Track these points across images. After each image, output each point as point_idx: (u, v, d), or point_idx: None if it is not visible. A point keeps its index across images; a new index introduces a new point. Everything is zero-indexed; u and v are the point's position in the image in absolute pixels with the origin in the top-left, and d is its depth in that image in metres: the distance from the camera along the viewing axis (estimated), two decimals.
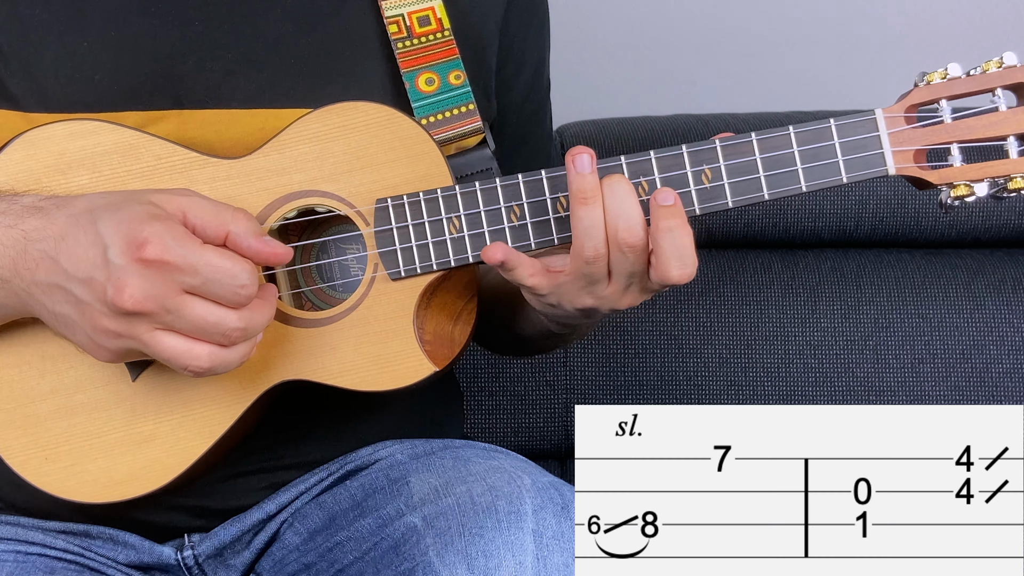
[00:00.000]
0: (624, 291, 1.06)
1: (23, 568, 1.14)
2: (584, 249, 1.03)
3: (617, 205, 1.02)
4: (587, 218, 1.03)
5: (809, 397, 1.67)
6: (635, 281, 1.05)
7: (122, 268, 0.98)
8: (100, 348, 1.01)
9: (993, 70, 1.05)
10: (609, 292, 1.06)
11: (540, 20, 1.31)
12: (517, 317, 1.22)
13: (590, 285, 1.05)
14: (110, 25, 1.15)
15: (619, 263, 1.04)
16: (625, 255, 1.03)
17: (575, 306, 1.07)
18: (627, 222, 1.02)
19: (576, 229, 1.03)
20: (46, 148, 1.09)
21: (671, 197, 1.03)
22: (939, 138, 1.06)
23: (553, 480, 1.09)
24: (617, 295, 1.06)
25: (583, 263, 1.03)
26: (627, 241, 1.02)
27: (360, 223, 1.10)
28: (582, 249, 1.03)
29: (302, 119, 1.10)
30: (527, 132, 1.31)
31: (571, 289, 1.06)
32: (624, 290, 1.06)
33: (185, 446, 1.10)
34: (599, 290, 1.05)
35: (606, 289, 1.05)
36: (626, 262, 1.03)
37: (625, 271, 1.04)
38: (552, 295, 1.07)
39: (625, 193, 1.03)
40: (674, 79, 2.08)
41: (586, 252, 1.03)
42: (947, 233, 1.73)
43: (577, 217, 1.03)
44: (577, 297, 1.06)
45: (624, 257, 1.03)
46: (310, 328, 1.10)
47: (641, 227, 1.02)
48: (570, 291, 1.06)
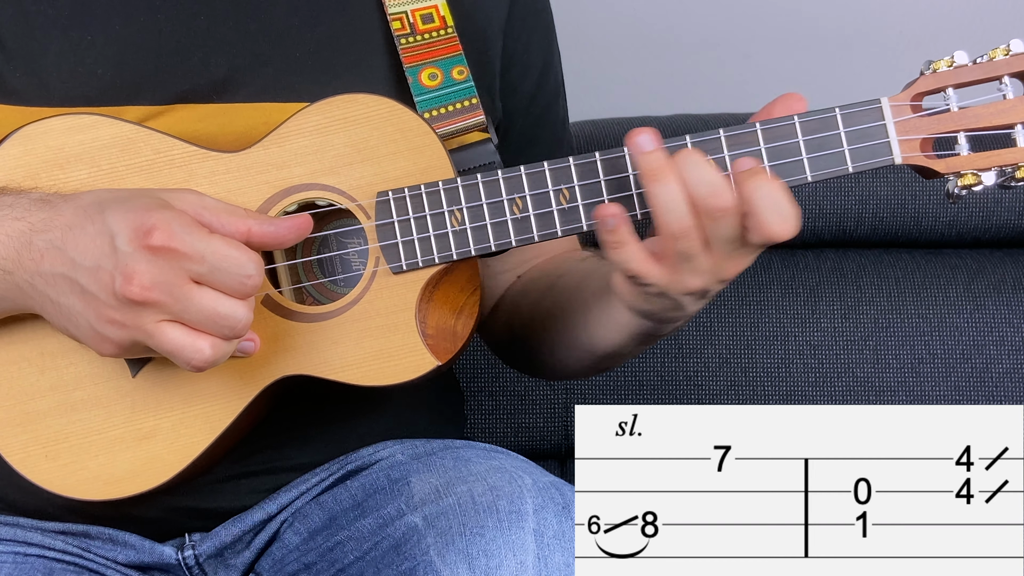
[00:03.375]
0: (726, 258, 1.03)
1: (22, 569, 1.13)
2: (669, 225, 1.00)
3: (696, 174, 1.00)
4: (663, 194, 1.00)
5: (809, 397, 1.67)
6: (736, 245, 1.02)
7: (129, 256, 0.97)
8: (104, 340, 1.01)
9: (1000, 57, 1.05)
10: (711, 264, 1.02)
11: (545, 23, 1.31)
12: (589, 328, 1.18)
13: (687, 262, 1.02)
14: (115, 20, 1.15)
15: (714, 230, 1.01)
16: (717, 221, 1.00)
17: (683, 289, 1.04)
18: (710, 187, 1.00)
19: (656, 208, 1.01)
20: (44, 142, 1.09)
21: (750, 162, 1.01)
22: (946, 126, 1.05)
23: (554, 480, 1.09)
24: (720, 264, 1.03)
25: (673, 240, 1.01)
26: (716, 205, 0.99)
27: (361, 216, 1.09)
28: (667, 225, 1.00)
29: (302, 112, 1.09)
30: (534, 135, 1.30)
31: (672, 271, 1.03)
32: (726, 257, 1.02)
33: (186, 442, 1.10)
34: (699, 264, 1.02)
35: (706, 261, 1.02)
36: (720, 227, 1.00)
37: (722, 237, 1.01)
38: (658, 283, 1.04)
39: (699, 160, 1.00)
40: (674, 79, 2.08)
41: (672, 227, 1.00)
42: (947, 233, 1.73)
43: (653, 195, 1.00)
44: (681, 279, 1.03)
45: (717, 223, 1.00)
46: (311, 323, 1.10)
47: (726, 188, 1.00)
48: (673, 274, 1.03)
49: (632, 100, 2.01)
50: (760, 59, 2.07)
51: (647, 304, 1.07)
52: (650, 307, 1.07)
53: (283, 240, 1.04)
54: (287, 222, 1.04)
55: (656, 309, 1.07)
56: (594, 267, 1.20)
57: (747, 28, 2.07)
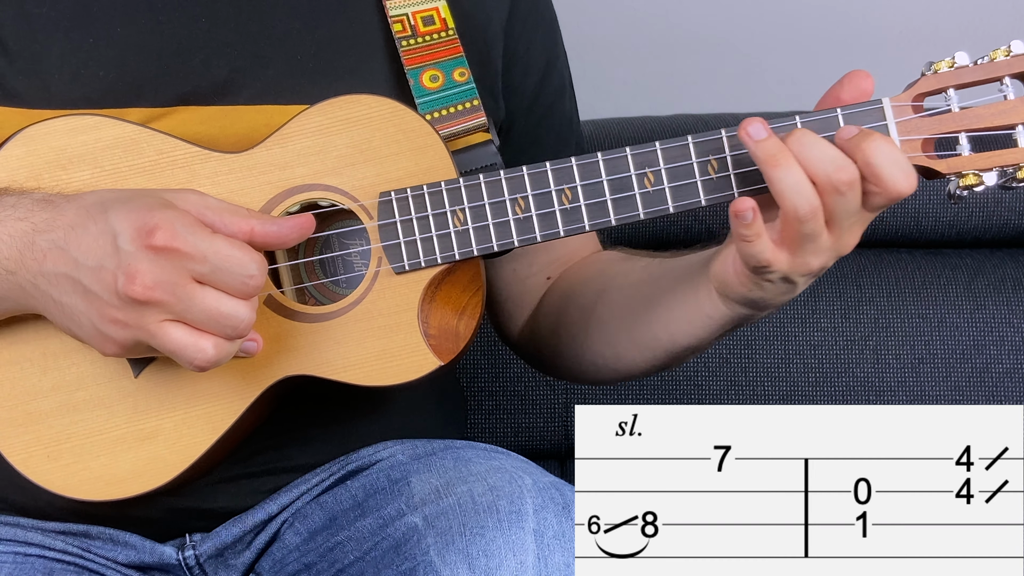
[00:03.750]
0: (846, 231, 1.03)
1: (22, 569, 1.13)
2: (797, 208, 1.00)
3: (817, 152, 1.00)
4: (787, 178, 1.00)
5: (809, 397, 1.67)
6: (855, 217, 1.02)
7: (132, 255, 0.98)
8: (106, 340, 1.01)
9: (1001, 58, 1.05)
10: (832, 240, 1.03)
11: (547, 23, 1.31)
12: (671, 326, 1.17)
13: (811, 243, 1.02)
14: (116, 22, 1.15)
15: (839, 204, 1.01)
16: (844, 195, 1.00)
17: (806, 271, 1.04)
18: (834, 162, 1.00)
19: (781, 193, 1.00)
20: (47, 144, 1.09)
21: (853, 128, 1.02)
22: (947, 127, 1.05)
23: (554, 480, 1.09)
24: (840, 239, 1.03)
25: (799, 223, 1.01)
26: (842, 179, 1.00)
27: (363, 217, 1.10)
28: (795, 209, 1.00)
29: (304, 112, 1.10)
30: (537, 135, 1.30)
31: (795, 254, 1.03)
32: (846, 230, 1.03)
33: (188, 442, 1.10)
34: (822, 243, 1.02)
35: (827, 239, 1.02)
36: (845, 201, 1.00)
37: (845, 211, 1.01)
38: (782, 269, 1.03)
39: (815, 138, 1.01)
40: (674, 79, 2.08)
41: (800, 210, 1.00)
42: (947, 233, 1.73)
43: (777, 180, 1.00)
44: (804, 261, 1.03)
45: (843, 197, 1.00)
46: (314, 323, 1.10)
47: (848, 160, 1.00)
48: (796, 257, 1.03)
49: (632, 100, 2.01)
50: (760, 59, 2.07)
51: (759, 292, 1.07)
52: (762, 294, 1.07)
53: (286, 240, 1.04)
54: (290, 222, 1.04)
55: (768, 295, 1.07)
56: (661, 266, 1.20)
57: (747, 28, 2.07)
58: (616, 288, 1.23)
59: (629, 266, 1.26)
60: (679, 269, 1.16)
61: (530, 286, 1.33)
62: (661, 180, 1.07)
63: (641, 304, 1.19)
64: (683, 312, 1.14)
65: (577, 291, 1.28)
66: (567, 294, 1.29)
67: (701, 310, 1.13)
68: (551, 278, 1.32)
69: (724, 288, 1.08)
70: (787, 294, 1.07)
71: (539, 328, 1.32)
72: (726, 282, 1.07)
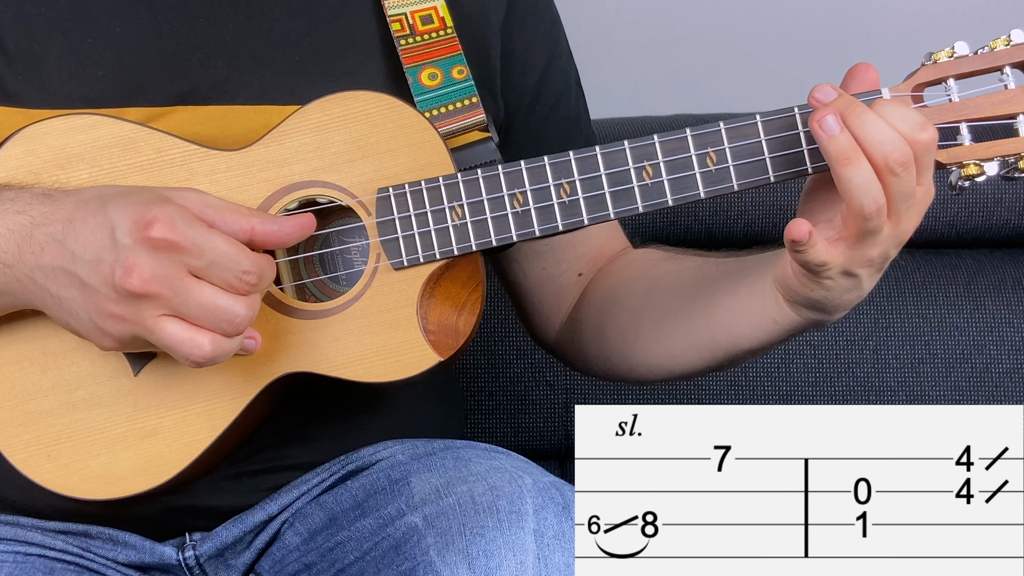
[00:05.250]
0: (903, 217, 1.02)
1: (22, 569, 1.13)
2: (864, 207, 1.00)
3: (875, 134, 1.00)
4: (857, 177, 0.99)
5: (809, 397, 1.67)
6: (912, 201, 1.02)
7: (130, 248, 0.98)
8: (103, 334, 1.01)
9: (1001, 48, 1.05)
10: (891, 230, 1.02)
11: (548, 21, 1.30)
12: (732, 330, 1.16)
13: (872, 236, 1.02)
14: (115, 22, 1.15)
15: (895, 186, 1.00)
16: (900, 176, 1.00)
17: (865, 261, 1.03)
18: (892, 143, 0.99)
19: (850, 192, 1.00)
20: (45, 143, 1.09)
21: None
22: (947, 117, 1.05)
23: (554, 480, 1.09)
24: (897, 225, 1.02)
25: (864, 221, 1.00)
26: (899, 160, 0.99)
27: (362, 213, 1.10)
28: (861, 208, 1.00)
29: (302, 109, 1.10)
30: (541, 134, 1.29)
31: (853, 248, 1.03)
32: (903, 215, 1.02)
33: (188, 441, 1.10)
34: (884, 235, 1.02)
35: (887, 229, 1.02)
36: (902, 183, 1.00)
37: (902, 194, 1.01)
38: (840, 264, 1.03)
39: (873, 119, 1.00)
40: (674, 79, 2.08)
41: (867, 209, 1.00)
42: (947, 233, 1.73)
43: (846, 179, 1.00)
44: (863, 252, 1.03)
45: (899, 179, 1.00)
46: (313, 320, 1.10)
47: (902, 139, 1.00)
48: (853, 250, 1.03)
49: (632, 100, 2.01)
50: (760, 59, 2.07)
51: (821, 291, 1.06)
52: (825, 293, 1.06)
53: (287, 239, 1.04)
54: (291, 221, 1.04)
55: (832, 294, 1.06)
56: (717, 267, 1.20)
57: (747, 28, 2.07)
58: (665, 289, 1.23)
59: (678, 266, 1.25)
60: (739, 272, 1.16)
61: (563, 284, 1.32)
62: (660, 173, 1.07)
63: (698, 307, 1.18)
64: (747, 316, 1.14)
65: (621, 291, 1.28)
66: (611, 295, 1.29)
67: (767, 315, 1.12)
68: (583, 274, 1.32)
69: (788, 293, 1.08)
70: (853, 291, 1.07)
71: (582, 329, 1.32)
72: (789, 286, 1.08)
